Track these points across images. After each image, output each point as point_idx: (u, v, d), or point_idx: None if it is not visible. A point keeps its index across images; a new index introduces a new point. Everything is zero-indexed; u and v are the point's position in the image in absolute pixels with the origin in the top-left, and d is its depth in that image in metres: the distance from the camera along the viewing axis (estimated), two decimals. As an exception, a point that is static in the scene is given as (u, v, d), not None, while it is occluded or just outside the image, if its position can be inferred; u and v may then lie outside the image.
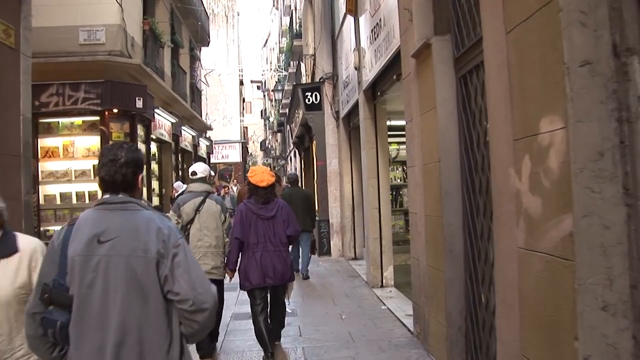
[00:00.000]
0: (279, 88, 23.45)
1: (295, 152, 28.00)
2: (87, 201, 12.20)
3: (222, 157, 36.68)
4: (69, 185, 12.34)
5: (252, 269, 5.31)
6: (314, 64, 15.41)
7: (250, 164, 59.03)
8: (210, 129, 26.49)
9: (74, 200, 12.32)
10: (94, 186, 12.28)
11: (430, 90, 4.87)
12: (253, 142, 62.73)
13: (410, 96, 5.70)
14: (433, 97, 4.81)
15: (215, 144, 34.12)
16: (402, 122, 11.09)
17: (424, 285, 5.50)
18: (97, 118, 12.27)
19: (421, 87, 5.25)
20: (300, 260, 10.35)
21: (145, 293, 2.18)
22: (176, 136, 17.53)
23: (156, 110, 14.39)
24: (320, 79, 13.43)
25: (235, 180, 23.04)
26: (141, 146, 13.60)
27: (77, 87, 12.03)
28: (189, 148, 20.22)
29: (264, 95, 52.45)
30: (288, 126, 24.77)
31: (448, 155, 4.68)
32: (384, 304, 7.82)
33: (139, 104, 12.45)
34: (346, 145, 12.49)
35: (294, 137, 20.54)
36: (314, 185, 15.88)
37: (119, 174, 2.27)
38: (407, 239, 11.80)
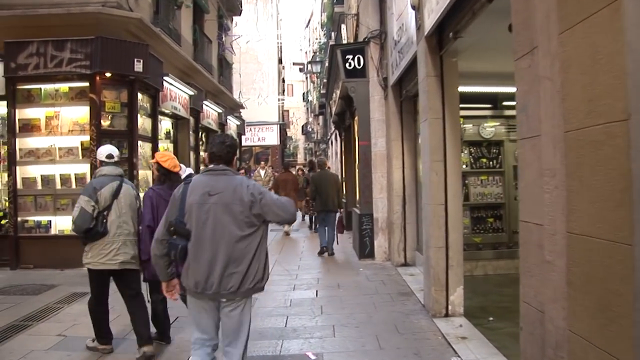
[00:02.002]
0: (317, 60, 20.75)
1: (335, 134, 25.38)
2: (73, 186, 9.94)
3: (259, 139, 34.36)
4: (52, 167, 10.08)
5: None
6: (357, 24, 12.70)
7: (291, 148, 57.25)
8: (242, 107, 24.07)
9: (58, 185, 10.07)
10: (82, 167, 10.00)
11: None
12: (294, 125, 60.86)
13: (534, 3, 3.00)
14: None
15: (250, 125, 31.92)
16: (475, 89, 8.34)
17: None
18: (87, 84, 9.94)
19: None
20: (326, 239, 11.39)
21: (240, 225, 3.45)
22: (196, 111, 15.10)
23: (166, 79, 11.95)
24: (364, 39, 10.73)
25: (269, 165, 20.47)
26: (145, 120, 11.25)
27: (61, 45, 9.71)
28: (214, 126, 17.78)
29: (306, 78, 50.47)
30: (327, 105, 22.12)
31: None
32: (456, 353, 5.16)
33: (138, 66, 10.01)
34: (396, 120, 9.79)
35: (333, 114, 17.86)
36: (355, 171, 13.21)
37: (224, 152, 3.61)
38: (474, 242, 9.23)
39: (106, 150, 5.44)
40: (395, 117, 9.79)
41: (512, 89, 8.66)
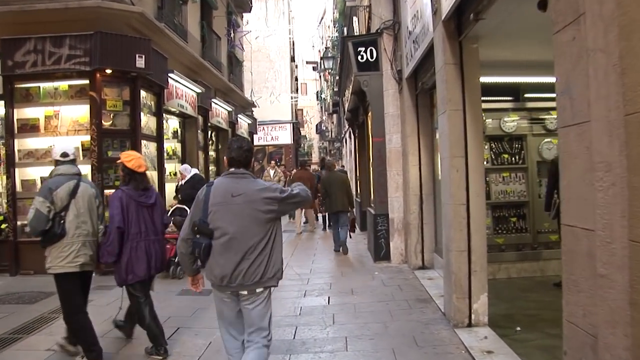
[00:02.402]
0: (329, 55, 20.19)
1: (349, 132, 24.85)
2: (75, 188, 9.45)
3: (272, 138, 33.87)
4: (51, 168, 9.59)
5: (138, 260, 5.10)
6: (369, 17, 12.16)
7: (305, 147, 56.79)
8: (253, 105, 23.61)
9: (59, 188, 9.56)
10: (83, 168, 9.46)
11: None
12: (308, 124, 60.42)
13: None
14: None
15: (263, 124, 31.49)
16: (496, 79, 7.77)
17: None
18: (87, 81, 9.50)
19: None
20: (340, 239, 11.62)
21: (260, 223, 3.68)
22: (204, 110, 14.64)
23: (171, 76, 11.50)
24: (377, 30, 10.19)
25: (281, 164, 19.64)
26: (150, 119, 10.82)
27: (59, 41, 9.29)
28: (224, 125, 17.32)
29: (320, 76, 49.96)
30: (341, 102, 21.60)
31: None
32: (483, 370, 4.63)
33: (140, 62, 9.56)
34: (412, 115, 9.24)
35: (346, 111, 17.31)
36: (369, 169, 12.67)
37: (243, 156, 3.83)
38: (496, 244, 8.63)
39: (61, 148, 5.18)
40: (410, 111, 9.24)
41: (536, 79, 8.15)
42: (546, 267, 8.19)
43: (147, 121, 10.83)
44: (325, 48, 22.57)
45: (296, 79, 44.06)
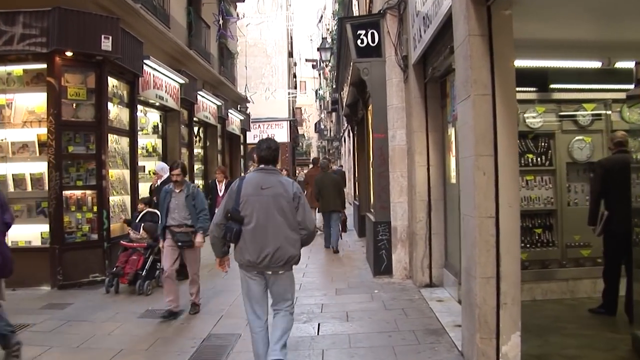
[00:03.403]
0: (327, 46, 18.81)
1: (348, 130, 23.58)
2: (29, 188, 8.25)
3: (268, 136, 32.50)
4: (3, 165, 8.37)
5: None
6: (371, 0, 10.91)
7: (303, 146, 55.53)
8: (247, 101, 22.33)
9: (11, 187, 8.36)
10: (39, 166, 8.30)
11: None
12: (307, 123, 59.30)
13: None
14: None
15: (258, 121, 30.27)
16: (519, 63, 6.48)
17: None
18: (44, 66, 8.22)
19: None
20: (331, 238, 11.73)
21: (286, 214, 4.27)
22: (189, 103, 13.36)
23: (147, 63, 10.22)
24: (379, 11, 8.91)
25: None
26: (122, 111, 9.57)
27: (12, 18, 8.03)
28: (212, 120, 16.01)
29: (319, 74, 48.87)
30: (339, 98, 20.32)
31: None
32: None
33: (106, 44, 8.30)
34: (419, 107, 7.95)
35: (344, 107, 16.00)
36: (369, 170, 11.39)
37: (271, 155, 4.42)
38: (538, 259, 7.25)
39: None
40: (418, 103, 7.96)
41: (568, 64, 6.81)
42: (577, 288, 6.92)
43: (119, 113, 9.56)
44: (322, 39, 21.20)
45: (294, 76, 42.74)
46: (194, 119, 14.11)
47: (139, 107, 11.33)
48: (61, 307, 7.11)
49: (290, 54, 37.16)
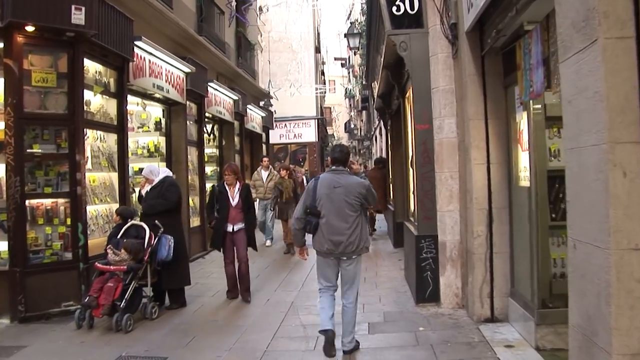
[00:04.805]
0: (355, 31, 16.86)
1: (380, 128, 21.68)
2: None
3: (295, 136, 30.77)
4: (-49, 170, 6.73)
5: None
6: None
7: (332, 145, 53.96)
8: (269, 96, 20.60)
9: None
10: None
11: None
12: (336, 123, 57.91)
13: None
14: None
15: (285, 120, 28.68)
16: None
17: None
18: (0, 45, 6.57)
19: None
20: None
21: (355, 209, 5.06)
22: (197, 95, 11.66)
23: (139, 44, 8.55)
24: (419, -29, 7.06)
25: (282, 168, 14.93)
26: (108, 102, 7.95)
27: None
28: (228, 117, 14.27)
29: (349, 72, 47.22)
30: (370, 90, 18.42)
31: None
32: None
33: (78, 17, 6.65)
34: (476, 87, 6.08)
35: (375, 99, 14.08)
36: (406, 169, 9.49)
37: (343, 157, 5.28)
38: None
39: None
40: (473, 82, 6.08)
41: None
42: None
43: (104, 105, 7.92)
44: (350, 24, 19.32)
45: (322, 73, 40.95)
46: (205, 114, 12.39)
47: (137, 99, 9.74)
48: (7, 353, 5.43)
49: (318, 50, 35.34)
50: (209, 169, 13.59)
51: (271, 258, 11.09)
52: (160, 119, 10.62)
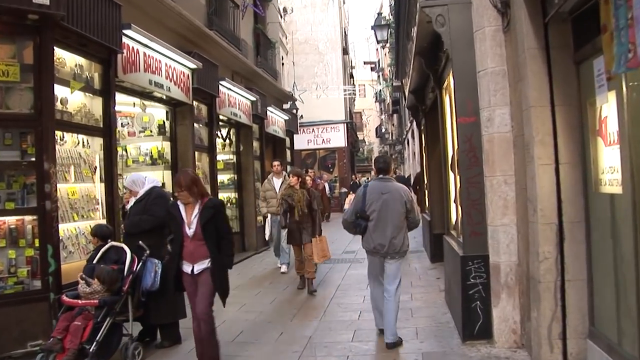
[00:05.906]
0: (383, 23, 15.53)
1: (412, 130, 20.28)
2: None
3: (323, 141, 29.49)
4: None
5: None
6: None
7: (365, 151, 52.63)
8: (293, 99, 19.39)
9: None
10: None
11: None
12: (367, 128, 57.00)
13: None
14: None
15: (312, 125, 27.58)
16: None
17: None
18: (-52, 30, 5.42)
19: None
20: None
21: (400, 214, 5.60)
22: (207, 95, 10.47)
23: (129, 34, 7.38)
24: None
25: (311, 174, 13.48)
26: (92, 101, 6.76)
27: None
28: (245, 120, 13.05)
29: (379, 76, 46.14)
30: (401, 87, 17.03)
31: None
32: None
33: (41, -6, 5.42)
34: (538, 65, 4.68)
35: (407, 96, 12.65)
36: (445, 173, 8.06)
37: (387, 167, 5.90)
38: None
39: None
40: (534, 58, 4.68)
41: None
42: None
43: (87, 104, 6.76)
44: (377, 14, 17.99)
45: (351, 76, 39.62)
46: (217, 116, 11.19)
47: (133, 99, 8.60)
48: None
49: (345, 51, 34.04)
50: (225, 177, 12.40)
51: (278, 290, 8.82)
52: (163, 122, 9.47)
